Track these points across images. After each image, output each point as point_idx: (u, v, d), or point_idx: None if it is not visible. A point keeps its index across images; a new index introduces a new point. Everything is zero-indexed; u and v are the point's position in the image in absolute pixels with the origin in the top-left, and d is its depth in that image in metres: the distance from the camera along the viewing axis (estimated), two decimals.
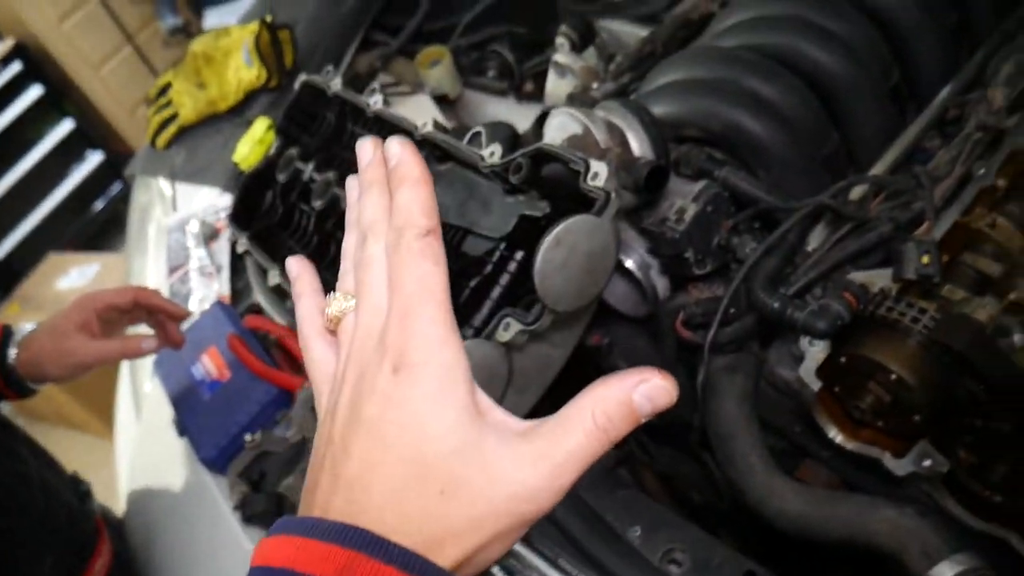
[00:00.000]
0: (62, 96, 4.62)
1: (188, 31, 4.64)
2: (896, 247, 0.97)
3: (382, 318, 0.51)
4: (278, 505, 1.12)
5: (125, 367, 1.70)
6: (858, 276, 1.01)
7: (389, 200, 0.56)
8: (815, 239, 1.05)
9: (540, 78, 1.79)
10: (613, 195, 0.88)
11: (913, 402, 0.94)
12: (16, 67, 4.33)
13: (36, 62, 4.43)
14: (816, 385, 0.96)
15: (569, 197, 0.98)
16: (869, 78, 1.16)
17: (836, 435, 0.99)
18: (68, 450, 1.47)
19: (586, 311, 1.00)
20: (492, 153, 1.05)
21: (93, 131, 4.80)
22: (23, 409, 4.01)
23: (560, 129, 1.06)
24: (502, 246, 1.04)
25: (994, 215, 1.06)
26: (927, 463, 0.96)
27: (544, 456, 0.46)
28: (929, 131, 1.15)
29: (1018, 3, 1.25)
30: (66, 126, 4.66)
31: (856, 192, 1.04)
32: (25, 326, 1.24)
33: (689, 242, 1.02)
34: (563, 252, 0.86)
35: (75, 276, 4.03)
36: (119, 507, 1.53)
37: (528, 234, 1.00)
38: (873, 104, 1.16)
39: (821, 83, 1.15)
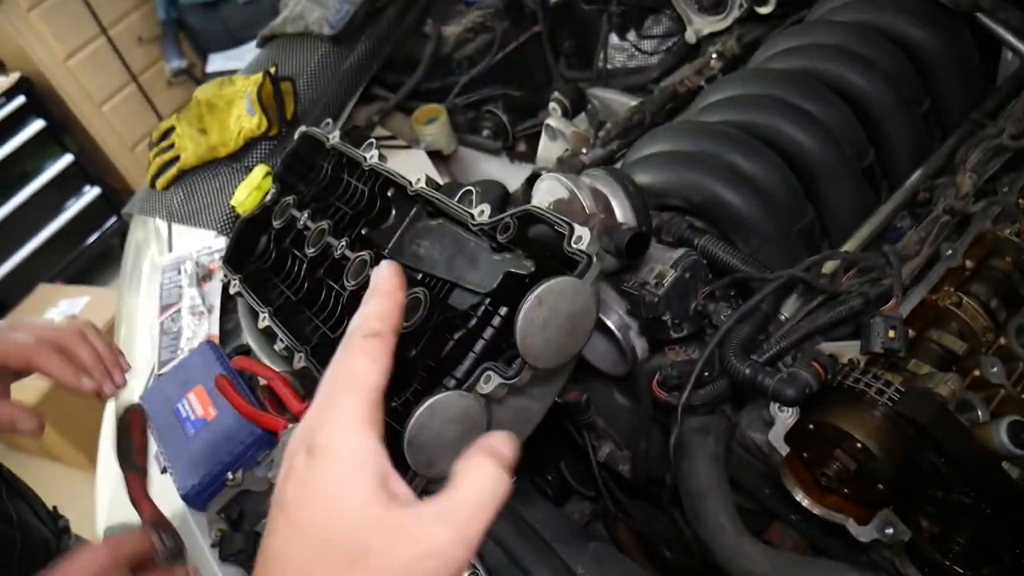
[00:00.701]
0: (63, 131, 4.68)
1: (192, 74, 4.73)
2: (864, 321, 1.02)
3: None
4: (255, 544, 1.14)
5: (111, 401, 1.71)
6: (828, 347, 1.05)
7: None
8: (788, 309, 1.09)
9: (532, 140, 1.85)
10: (595, 259, 0.93)
11: (877, 471, 0.97)
12: (19, 100, 4.39)
13: (39, 97, 4.49)
14: (784, 450, 1.00)
15: (554, 258, 1.02)
16: (844, 158, 1.21)
17: (803, 499, 1.02)
18: (48, 482, 1.47)
19: (565, 368, 1.03)
20: (482, 212, 1.09)
21: (91, 166, 4.85)
22: (3, 439, 3.98)
23: (548, 193, 1.11)
24: (487, 301, 1.08)
25: (960, 295, 1.11)
26: (889, 531, 0.98)
27: (448, 514, 0.50)
28: (900, 211, 1.20)
29: (986, 94, 1.32)
30: (65, 160, 4.71)
31: (829, 266, 1.08)
32: None
33: (667, 306, 1.06)
34: (545, 311, 0.90)
35: (64, 308, 4.04)
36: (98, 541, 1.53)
37: (513, 291, 1.04)
38: (848, 183, 1.22)
39: (799, 161, 1.21)
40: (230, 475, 1.20)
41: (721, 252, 1.10)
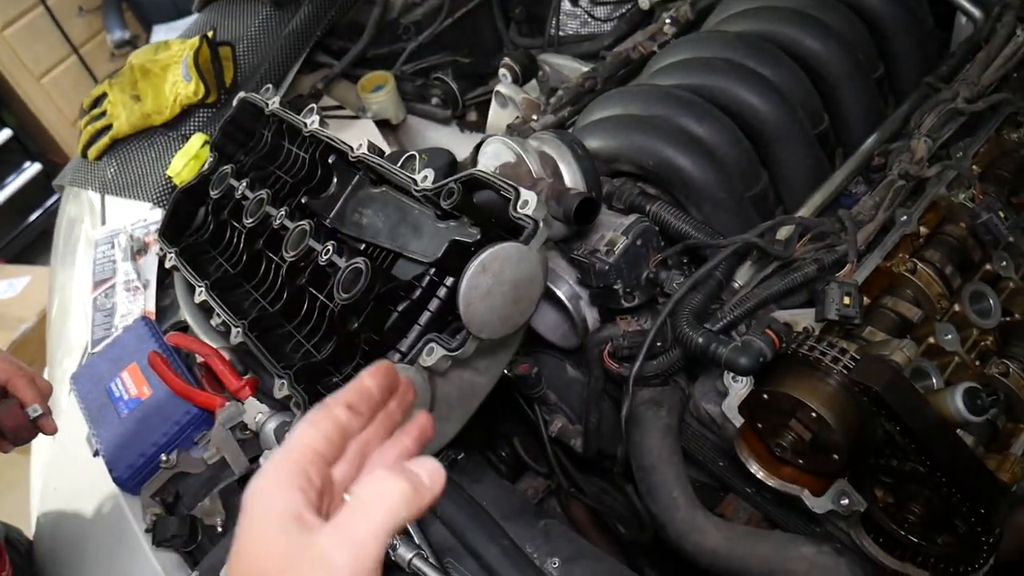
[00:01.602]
0: (1, 104, 4.49)
1: (135, 45, 4.56)
2: (819, 288, 0.99)
3: None
4: (191, 529, 1.08)
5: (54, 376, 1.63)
6: (782, 315, 1.03)
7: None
8: (742, 277, 1.06)
9: (483, 108, 1.80)
10: (542, 224, 0.88)
11: (832, 441, 0.95)
12: None
13: None
14: (738, 421, 0.97)
15: (500, 224, 0.98)
16: (798, 123, 1.19)
17: (758, 471, 1.00)
18: None
19: (513, 339, 0.99)
20: (425, 177, 1.04)
21: (31, 142, 4.66)
22: None
23: (494, 157, 1.06)
24: (432, 271, 1.03)
25: (914, 261, 1.09)
26: (845, 502, 0.96)
27: (345, 538, 0.56)
28: (855, 177, 1.18)
29: (941, 59, 1.30)
30: (3, 135, 4.52)
31: (783, 232, 1.05)
32: None
33: (618, 274, 1.03)
34: (488, 279, 0.86)
35: (4, 288, 3.89)
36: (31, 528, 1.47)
37: (458, 260, 0.99)
38: (802, 148, 1.19)
39: (752, 125, 1.18)
40: (164, 457, 1.14)
41: (673, 218, 1.07)
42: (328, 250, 1.10)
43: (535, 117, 1.45)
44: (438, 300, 1.03)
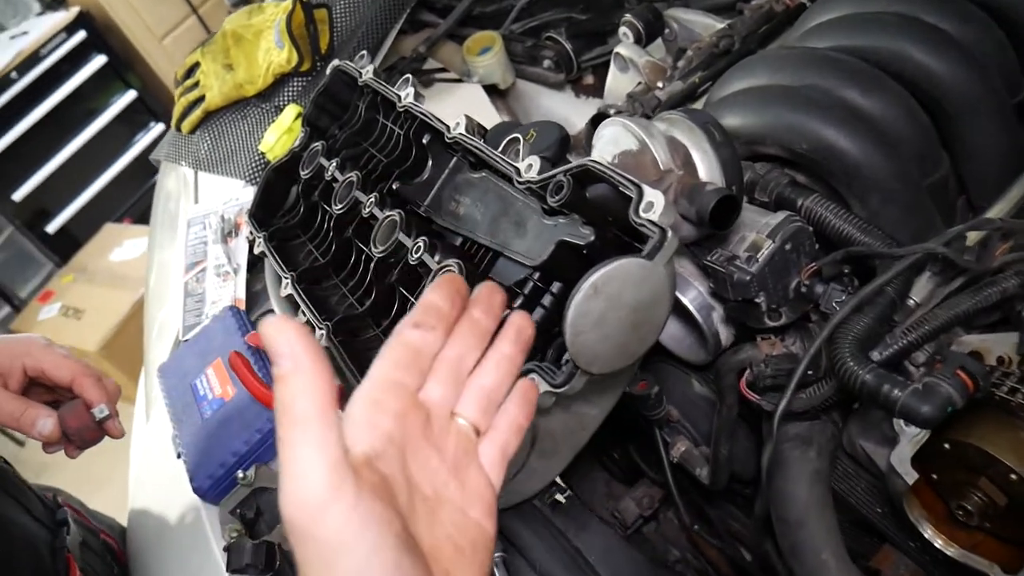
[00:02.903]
0: (125, 66, 4.58)
1: (250, 2, 4.55)
2: (1021, 311, 0.78)
3: None
4: (267, 557, 0.98)
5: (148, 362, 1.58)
6: (971, 340, 0.82)
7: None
8: (919, 292, 0.85)
9: (601, 71, 1.61)
10: (670, 234, 0.71)
11: None
12: (80, 35, 4.30)
13: (100, 31, 4.39)
14: (911, 477, 0.78)
15: (618, 226, 0.81)
16: (991, 90, 0.95)
17: (934, 537, 0.81)
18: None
19: (630, 366, 0.82)
20: (530, 167, 0.88)
21: (155, 102, 4.76)
22: None
23: (612, 142, 0.89)
24: (536, 276, 0.88)
25: None
26: None
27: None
28: None
29: None
30: (129, 96, 4.63)
31: (973, 237, 0.84)
32: None
33: (761, 286, 0.84)
34: (602, 303, 0.69)
35: (128, 248, 4.00)
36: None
37: (567, 264, 0.84)
38: (995, 123, 0.95)
39: (932, 96, 0.95)
40: (240, 473, 1.05)
41: (833, 216, 0.87)
42: (419, 247, 0.96)
43: (660, 84, 1.26)
44: (543, 309, 0.87)
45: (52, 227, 4.44)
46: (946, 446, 0.78)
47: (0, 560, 0.96)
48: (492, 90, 1.72)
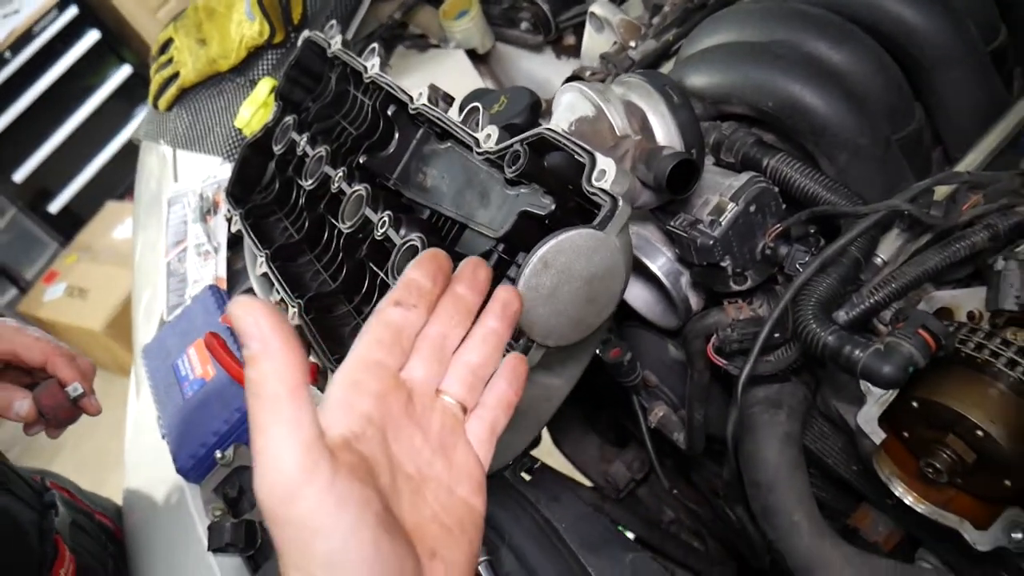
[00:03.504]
0: (120, 41, 4.55)
1: None
2: (992, 264, 0.76)
3: None
4: (247, 535, 0.99)
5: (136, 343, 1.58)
6: (941, 296, 0.81)
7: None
8: (886, 249, 0.83)
9: (581, 31, 1.57)
10: (621, 203, 0.70)
11: (1003, 463, 0.74)
12: (72, 11, 4.27)
13: (92, 6, 4.36)
14: (878, 436, 0.77)
15: (577, 193, 0.80)
16: (968, 40, 0.92)
17: (904, 494, 0.80)
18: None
19: (592, 337, 0.81)
20: (488, 136, 0.87)
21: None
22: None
23: (569, 109, 0.87)
24: (500, 247, 0.87)
25: None
26: (1017, 535, 0.76)
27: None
28: None
29: None
30: (124, 71, 4.60)
31: (942, 191, 0.82)
32: None
33: (726, 250, 0.82)
34: (552, 277, 0.68)
35: (130, 226, 3.99)
36: None
37: (530, 234, 0.82)
38: (972, 74, 0.93)
39: (905, 47, 0.92)
40: (219, 453, 1.05)
41: (799, 175, 0.85)
42: (384, 222, 0.95)
43: (633, 43, 1.23)
44: (508, 280, 0.86)
45: (55, 207, 4.46)
46: (914, 404, 0.77)
47: None
48: (474, 55, 1.69)
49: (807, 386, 0.90)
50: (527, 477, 0.92)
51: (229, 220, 1.32)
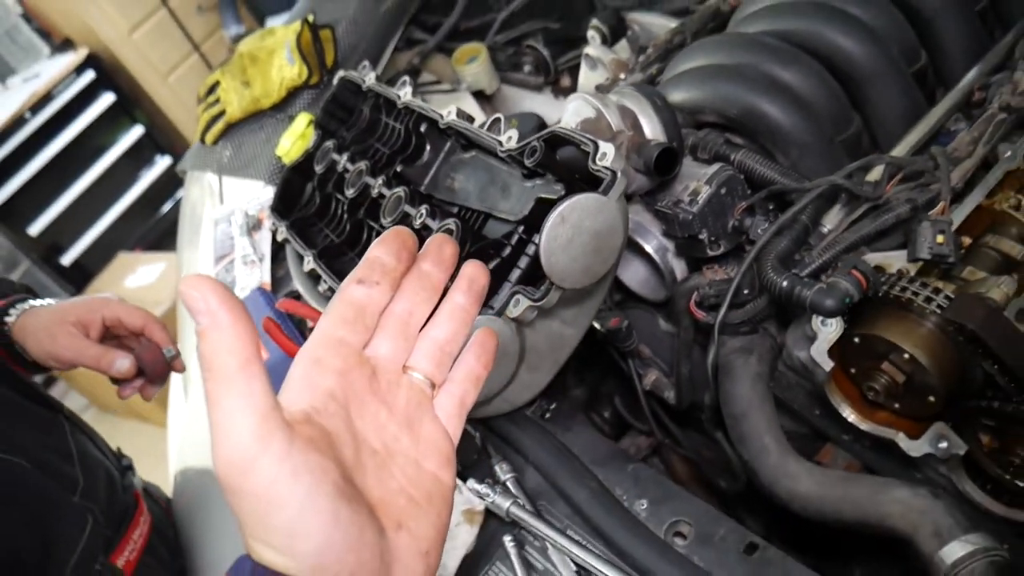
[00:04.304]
0: (133, 103, 4.81)
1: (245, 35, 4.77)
2: (912, 227, 0.97)
3: None
4: None
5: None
6: (874, 257, 1.01)
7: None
8: (831, 221, 1.05)
9: (576, 72, 1.80)
10: (619, 174, 0.90)
11: (928, 383, 0.93)
12: (89, 76, 4.53)
13: (108, 71, 4.63)
14: (828, 365, 0.96)
15: (583, 179, 1.00)
16: (891, 62, 1.15)
17: (850, 415, 0.99)
18: (136, 443, 1.52)
19: (598, 290, 1.01)
20: (510, 138, 1.08)
21: (162, 137, 4.98)
22: (96, 400, 4.19)
23: (575, 113, 1.08)
24: (520, 229, 1.07)
25: (1019, 197, 1.05)
26: (943, 445, 0.95)
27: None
28: (954, 114, 1.13)
29: None
30: (136, 132, 4.85)
31: (874, 173, 1.03)
32: (46, 301, 1.29)
33: (703, 223, 1.03)
34: (568, 230, 0.88)
35: (142, 274, 4.19)
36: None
37: (544, 216, 1.03)
38: (896, 88, 1.15)
39: (843, 67, 1.15)
40: None
41: (757, 165, 1.06)
42: (422, 214, 1.15)
43: (623, 76, 1.46)
44: (527, 257, 1.06)
45: (67, 259, 4.63)
46: (856, 340, 0.96)
47: (84, 491, 1.13)
48: (480, 96, 1.92)
49: (773, 338, 1.10)
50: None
51: (274, 232, 1.52)
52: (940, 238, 0.94)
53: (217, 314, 0.48)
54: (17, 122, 4.25)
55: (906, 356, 0.93)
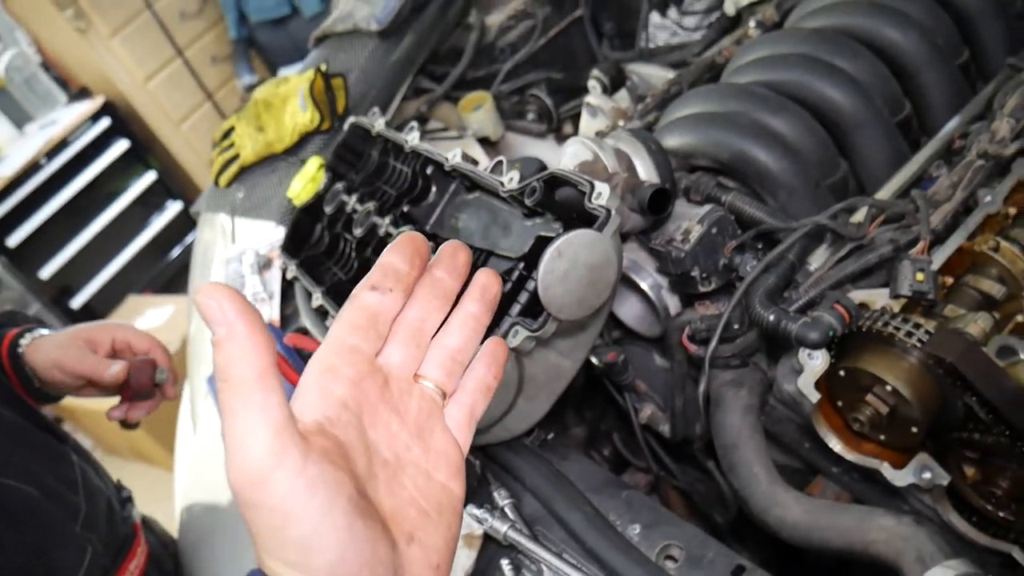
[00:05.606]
0: (146, 150, 4.92)
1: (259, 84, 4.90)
2: (894, 266, 1.02)
3: None
4: None
5: (186, 386, 1.80)
6: (858, 295, 1.05)
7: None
8: (817, 260, 1.09)
9: (577, 120, 1.88)
10: (614, 212, 0.95)
11: (910, 415, 0.97)
12: (104, 123, 4.64)
13: (123, 118, 4.74)
14: (814, 397, 1.00)
15: (579, 217, 1.06)
16: (875, 111, 1.21)
17: (836, 445, 1.03)
18: (139, 484, 1.56)
19: (593, 324, 1.06)
20: (511, 179, 1.13)
21: (173, 183, 5.08)
22: (101, 442, 4.20)
23: (573, 156, 1.14)
24: (520, 265, 1.12)
25: (998, 240, 1.10)
26: (927, 475, 0.98)
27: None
28: (935, 161, 1.19)
29: None
30: (149, 178, 4.95)
31: (859, 215, 1.08)
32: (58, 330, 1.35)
33: (695, 261, 1.08)
34: (564, 263, 0.93)
35: (151, 317, 4.24)
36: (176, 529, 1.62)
37: (543, 253, 1.08)
38: (880, 136, 1.21)
39: (829, 116, 1.21)
40: None
41: (747, 206, 1.11)
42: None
43: (622, 123, 1.52)
44: (527, 292, 1.10)
45: (76, 302, 4.69)
46: (841, 373, 1.00)
47: (85, 521, 1.16)
48: (485, 142, 1.99)
49: (763, 372, 1.14)
50: None
51: (284, 270, 1.58)
52: (920, 276, 0.98)
53: (234, 324, 0.47)
54: (32, 167, 4.32)
55: (889, 388, 0.97)
